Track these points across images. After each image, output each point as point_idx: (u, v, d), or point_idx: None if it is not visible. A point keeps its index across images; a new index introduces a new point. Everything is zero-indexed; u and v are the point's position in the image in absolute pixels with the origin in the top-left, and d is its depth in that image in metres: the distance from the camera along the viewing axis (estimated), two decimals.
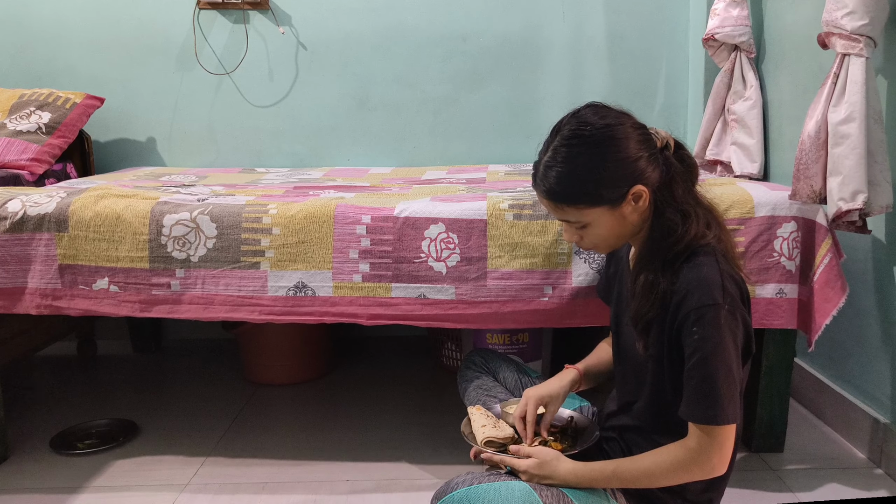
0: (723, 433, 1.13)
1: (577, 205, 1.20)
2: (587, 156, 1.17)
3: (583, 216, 1.21)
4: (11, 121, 2.44)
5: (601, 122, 1.18)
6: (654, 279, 1.18)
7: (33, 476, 1.82)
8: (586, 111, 1.21)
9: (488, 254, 1.70)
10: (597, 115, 1.20)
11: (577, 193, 1.19)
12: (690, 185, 1.23)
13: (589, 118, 1.19)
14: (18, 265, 1.76)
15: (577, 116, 1.21)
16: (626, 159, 1.17)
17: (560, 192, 1.20)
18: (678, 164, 1.22)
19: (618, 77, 2.80)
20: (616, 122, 1.19)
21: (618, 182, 1.18)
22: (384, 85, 2.83)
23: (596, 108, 1.22)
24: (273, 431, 2.08)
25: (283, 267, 1.72)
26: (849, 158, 1.59)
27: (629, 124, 1.20)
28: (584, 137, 1.18)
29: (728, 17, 2.26)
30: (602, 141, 1.17)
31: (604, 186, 1.18)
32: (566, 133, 1.19)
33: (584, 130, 1.18)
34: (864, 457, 1.85)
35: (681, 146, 1.25)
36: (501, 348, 2.27)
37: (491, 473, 1.26)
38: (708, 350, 1.12)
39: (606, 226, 1.22)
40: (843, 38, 1.61)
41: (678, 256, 1.18)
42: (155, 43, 2.79)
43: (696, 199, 1.24)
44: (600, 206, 1.19)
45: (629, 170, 1.17)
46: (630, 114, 1.23)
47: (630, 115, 1.22)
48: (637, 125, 1.21)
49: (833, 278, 1.67)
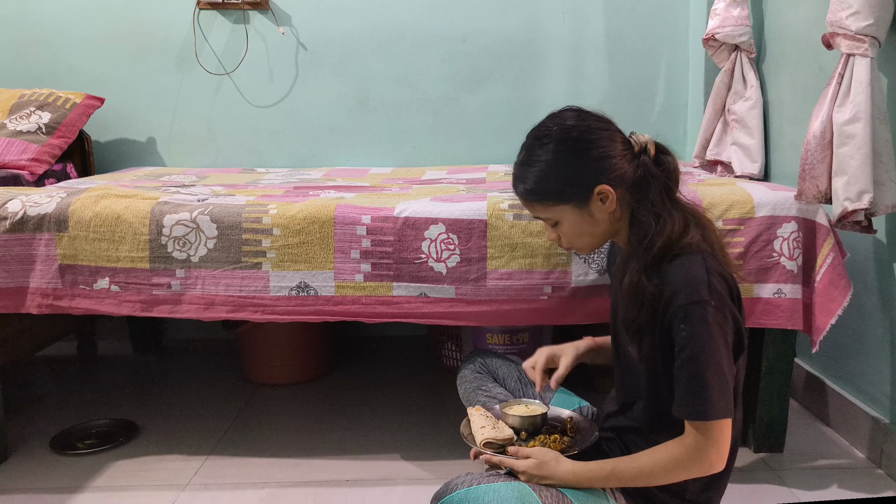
0: (717, 429, 1.13)
1: (544, 202, 1.25)
2: (552, 154, 1.22)
3: (551, 213, 1.26)
4: (11, 121, 2.44)
5: (569, 122, 1.23)
6: (638, 281, 1.19)
7: (33, 476, 1.82)
8: (561, 112, 1.26)
9: (488, 254, 1.70)
10: (567, 117, 1.25)
11: (542, 190, 1.24)
12: (668, 190, 1.24)
13: (559, 119, 1.25)
14: (19, 265, 1.76)
15: (551, 116, 1.27)
16: (592, 159, 1.21)
17: (527, 189, 1.25)
18: (655, 168, 1.23)
19: (618, 77, 2.80)
20: (584, 123, 1.23)
21: (581, 181, 1.21)
22: (384, 85, 2.83)
23: (570, 111, 1.26)
24: (273, 431, 2.08)
25: (285, 267, 1.72)
26: (854, 158, 1.59)
27: (600, 126, 1.23)
28: (550, 136, 1.23)
29: (728, 17, 2.26)
30: (567, 140, 1.22)
31: (567, 184, 1.22)
32: (536, 132, 1.26)
33: (551, 130, 1.23)
34: (864, 457, 1.85)
35: (664, 151, 1.26)
36: (501, 348, 2.27)
37: (490, 474, 1.26)
38: (696, 347, 1.12)
39: (576, 224, 1.25)
40: (847, 39, 1.61)
41: (660, 259, 1.18)
42: (155, 43, 2.79)
43: (674, 202, 1.24)
44: (566, 204, 1.24)
45: (594, 169, 1.21)
46: (608, 119, 1.26)
47: (607, 120, 1.26)
48: (609, 128, 1.24)
49: (836, 278, 1.67)
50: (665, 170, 1.24)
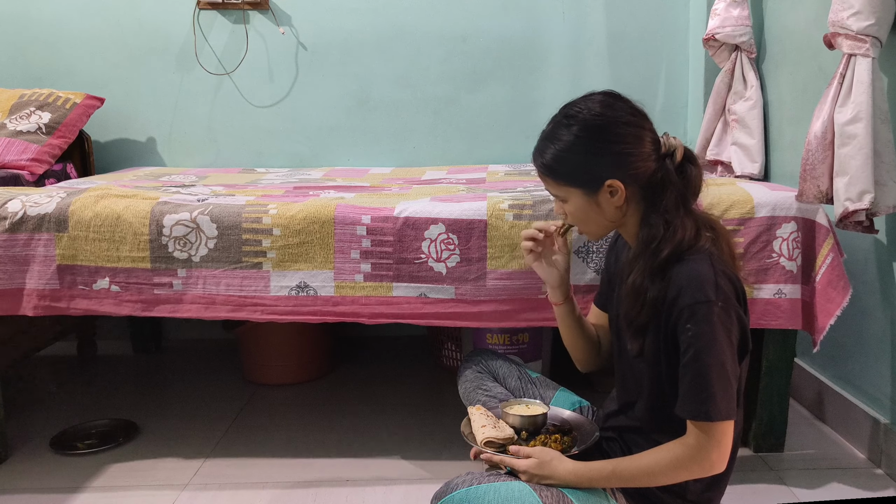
0: (720, 429, 1.13)
1: (555, 179, 1.25)
2: (574, 137, 1.22)
3: (561, 191, 1.27)
4: (11, 121, 2.44)
5: (599, 109, 1.22)
6: (641, 283, 1.19)
7: (33, 476, 1.82)
8: (595, 96, 1.25)
9: (488, 254, 1.70)
10: (599, 102, 1.23)
11: (556, 169, 1.24)
12: (684, 199, 1.22)
13: (590, 102, 1.23)
14: (17, 266, 1.75)
15: (585, 97, 1.26)
16: (610, 153, 1.20)
17: (544, 163, 1.26)
18: (676, 175, 1.22)
19: (618, 77, 2.80)
20: (613, 114, 1.21)
21: (595, 171, 1.21)
22: (384, 85, 2.83)
23: (604, 96, 1.24)
24: (273, 431, 2.08)
25: (285, 267, 1.72)
26: (855, 158, 1.59)
27: (629, 121, 1.21)
28: (576, 119, 1.22)
29: (728, 17, 2.26)
30: (590, 128, 1.21)
31: (580, 171, 1.22)
32: (566, 109, 1.25)
33: (580, 112, 1.23)
34: (864, 457, 1.85)
35: (691, 159, 1.24)
36: (501, 348, 2.27)
37: (491, 474, 1.26)
38: (701, 346, 1.12)
39: (582, 209, 1.26)
40: (849, 39, 1.61)
41: (666, 264, 1.18)
42: (155, 43, 2.79)
43: (689, 211, 1.23)
44: (576, 188, 1.24)
45: (609, 163, 1.20)
46: (643, 112, 1.24)
47: (641, 114, 1.24)
48: (639, 124, 1.22)
49: (836, 279, 1.67)
50: (686, 179, 1.23)
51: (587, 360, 1.49)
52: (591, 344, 1.48)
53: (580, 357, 1.50)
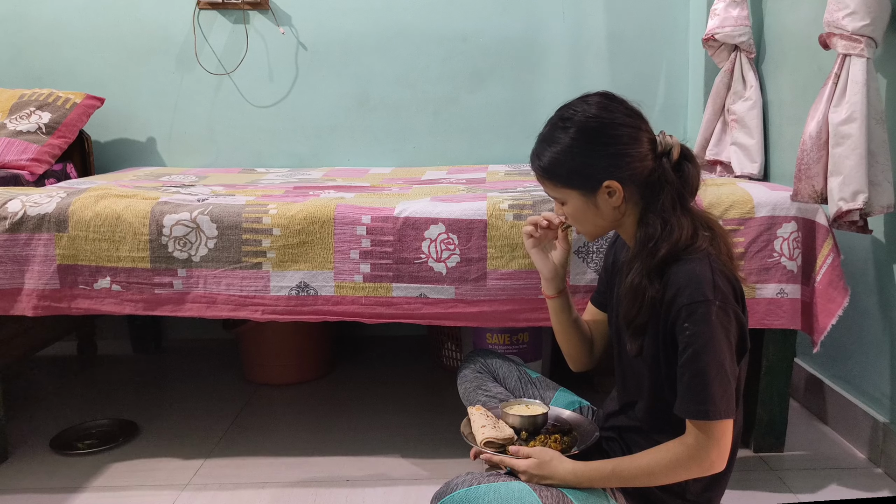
0: (719, 428, 1.13)
1: (553, 181, 1.25)
2: (570, 140, 1.21)
3: (559, 193, 1.27)
4: (11, 121, 2.44)
5: (595, 110, 1.22)
6: (640, 283, 1.19)
7: (33, 476, 1.82)
8: (590, 97, 1.25)
9: (488, 254, 1.71)
10: (594, 104, 1.23)
11: (554, 172, 1.24)
12: (681, 197, 1.22)
13: (585, 104, 1.23)
14: (17, 266, 1.75)
15: (580, 99, 1.26)
16: (607, 154, 1.20)
17: (541, 166, 1.26)
18: (673, 173, 1.22)
19: (618, 77, 2.80)
20: (609, 116, 1.21)
21: (592, 173, 1.21)
22: (384, 85, 2.83)
23: (599, 97, 1.24)
24: (273, 431, 2.08)
25: (285, 267, 1.72)
26: (849, 159, 1.59)
27: (625, 122, 1.21)
28: (572, 121, 1.22)
29: (728, 18, 2.26)
30: (586, 130, 1.21)
31: (577, 173, 1.22)
32: (562, 112, 1.25)
33: (575, 114, 1.23)
34: (864, 457, 1.85)
35: (688, 157, 1.24)
36: (501, 348, 2.27)
37: (490, 474, 1.26)
38: (699, 345, 1.12)
39: (580, 210, 1.26)
40: (844, 39, 1.61)
41: (663, 263, 1.18)
42: (155, 43, 2.79)
43: (686, 210, 1.23)
44: (574, 190, 1.24)
45: (606, 164, 1.20)
46: (638, 112, 1.24)
47: (637, 114, 1.23)
48: (635, 124, 1.22)
49: (836, 279, 1.67)
50: (683, 177, 1.23)
51: (579, 358, 1.49)
52: (584, 342, 1.48)
53: (572, 354, 1.49)
